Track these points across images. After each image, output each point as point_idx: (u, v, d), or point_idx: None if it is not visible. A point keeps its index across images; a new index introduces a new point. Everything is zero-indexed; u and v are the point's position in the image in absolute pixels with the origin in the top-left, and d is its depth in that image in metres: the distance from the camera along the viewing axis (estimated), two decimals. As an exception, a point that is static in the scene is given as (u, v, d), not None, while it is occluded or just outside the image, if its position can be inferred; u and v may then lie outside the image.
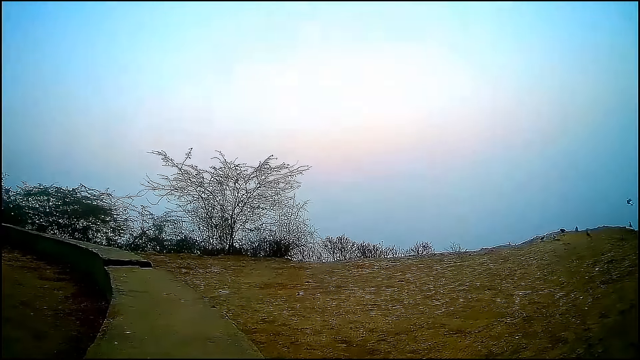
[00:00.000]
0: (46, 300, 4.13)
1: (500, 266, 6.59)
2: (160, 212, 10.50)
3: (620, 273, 4.49)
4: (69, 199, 10.54)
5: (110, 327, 2.50)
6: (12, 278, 4.72)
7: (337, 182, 17.53)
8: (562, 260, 6.03)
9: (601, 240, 6.60)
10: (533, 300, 4.51)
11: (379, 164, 21.65)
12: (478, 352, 3.41)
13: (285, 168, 10.57)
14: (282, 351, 3.56)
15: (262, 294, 5.79)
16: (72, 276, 5.44)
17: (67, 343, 3.09)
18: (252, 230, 10.66)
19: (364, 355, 3.53)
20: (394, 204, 19.17)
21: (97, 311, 3.76)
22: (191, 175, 10.42)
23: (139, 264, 5.30)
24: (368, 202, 19.14)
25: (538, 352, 3.18)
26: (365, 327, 4.27)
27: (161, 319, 2.86)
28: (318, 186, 12.98)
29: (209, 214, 10.53)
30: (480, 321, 4.12)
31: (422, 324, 4.25)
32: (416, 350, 3.57)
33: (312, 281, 6.81)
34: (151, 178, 10.03)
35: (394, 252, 11.18)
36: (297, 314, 4.82)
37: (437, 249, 10.92)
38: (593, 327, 3.32)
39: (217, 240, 10.46)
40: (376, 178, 21.11)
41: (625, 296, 3.70)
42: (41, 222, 10.16)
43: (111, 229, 10.67)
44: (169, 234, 10.61)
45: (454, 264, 7.45)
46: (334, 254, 11.28)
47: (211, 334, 2.53)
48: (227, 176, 10.58)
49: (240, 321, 4.27)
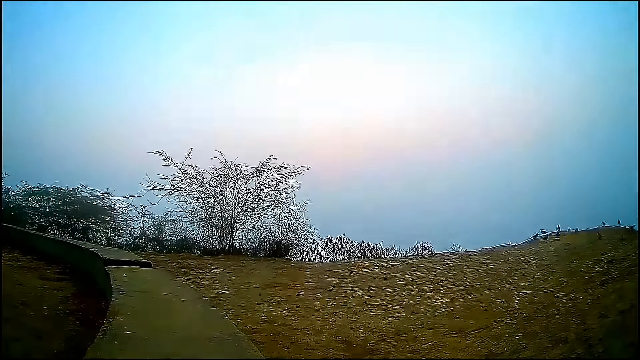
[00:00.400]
0: (46, 300, 4.13)
1: (500, 266, 6.59)
2: (160, 212, 10.52)
3: (620, 273, 4.50)
4: (69, 199, 10.54)
5: (110, 327, 2.50)
6: (12, 278, 4.72)
7: (336, 182, 17.53)
8: (562, 260, 6.04)
9: (601, 241, 6.61)
10: (533, 300, 4.51)
11: (378, 164, 21.66)
12: (478, 352, 3.42)
13: (285, 168, 10.58)
14: (282, 351, 3.56)
15: (262, 294, 5.79)
16: (72, 276, 5.43)
17: (67, 343, 3.09)
18: (252, 230, 10.67)
19: (364, 355, 3.53)
20: (393, 204, 19.17)
21: (97, 311, 3.75)
22: (191, 175, 10.43)
23: (139, 264, 5.29)
24: (368, 202, 19.13)
25: (538, 352, 3.18)
26: (365, 327, 4.27)
27: (161, 319, 2.86)
28: (318, 186, 12.99)
29: (209, 214, 10.53)
30: (480, 321, 4.12)
31: (422, 324, 4.25)
32: (416, 350, 3.57)
33: (312, 281, 6.81)
34: (151, 178, 10.05)
35: (394, 252, 11.19)
36: (297, 314, 4.82)
37: (437, 249, 10.94)
38: (593, 327, 3.32)
39: (217, 240, 10.46)
40: (376, 178, 21.12)
41: (625, 296, 3.71)
42: (41, 222, 10.15)
43: (111, 229, 10.67)
44: (169, 234, 10.61)
45: (454, 264, 7.45)
46: (334, 254, 11.29)
47: (211, 334, 2.53)
48: (227, 176, 10.58)
49: (240, 321, 4.27)
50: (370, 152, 22.07)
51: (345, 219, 14.89)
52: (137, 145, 21.34)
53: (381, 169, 21.92)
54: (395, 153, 22.64)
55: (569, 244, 7.21)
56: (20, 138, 17.84)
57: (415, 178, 21.29)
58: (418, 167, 22.09)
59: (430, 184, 20.86)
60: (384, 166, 21.63)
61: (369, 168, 21.39)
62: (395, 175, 21.04)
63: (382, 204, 19.04)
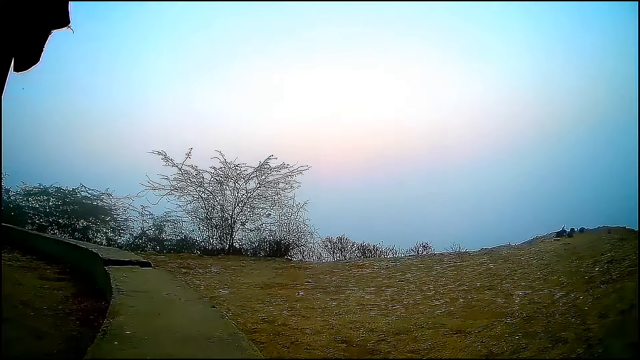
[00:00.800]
0: (46, 300, 4.12)
1: (500, 266, 6.60)
2: (160, 212, 10.53)
3: (620, 273, 4.50)
4: (69, 199, 10.54)
5: (110, 327, 2.50)
6: (12, 278, 4.72)
7: (336, 182, 17.53)
8: (562, 260, 6.04)
9: (601, 240, 6.61)
10: (533, 300, 4.51)
11: (379, 164, 21.65)
12: (478, 352, 3.41)
13: (285, 168, 10.59)
14: (282, 351, 3.56)
15: (262, 294, 5.79)
16: (72, 276, 5.43)
17: (67, 343, 3.09)
18: (252, 230, 10.68)
19: (364, 355, 3.53)
20: (393, 204, 19.17)
21: (97, 311, 3.75)
22: (191, 175, 10.43)
23: (139, 263, 5.29)
24: (368, 202, 19.13)
25: (538, 352, 3.19)
26: (365, 327, 4.27)
27: (161, 319, 2.86)
28: (318, 186, 12.98)
29: (209, 214, 10.53)
30: (480, 321, 4.12)
31: (422, 324, 4.25)
32: (416, 350, 3.57)
33: (312, 281, 6.81)
34: (151, 178, 10.05)
35: (394, 252, 11.19)
36: (297, 314, 4.82)
37: (437, 249, 10.95)
38: (593, 327, 3.32)
39: (217, 240, 10.47)
40: (376, 178, 21.10)
41: (625, 296, 3.71)
42: (41, 222, 10.16)
43: (111, 229, 10.68)
44: (169, 234, 10.63)
45: (454, 264, 7.45)
46: (334, 254, 11.29)
47: (211, 334, 2.53)
48: (227, 176, 10.59)
49: (240, 321, 4.27)
50: (371, 152, 22.05)
51: (345, 219, 14.89)
52: (137, 146, 21.36)
53: (381, 169, 21.91)
54: (395, 151, 22.62)
55: (569, 244, 7.22)
56: (20, 138, 17.83)
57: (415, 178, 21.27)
58: (418, 167, 22.08)
59: (430, 183, 20.85)
60: (385, 166, 21.62)
61: (369, 168, 21.38)
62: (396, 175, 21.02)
63: (382, 203, 19.03)
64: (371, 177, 21.14)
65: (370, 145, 22.17)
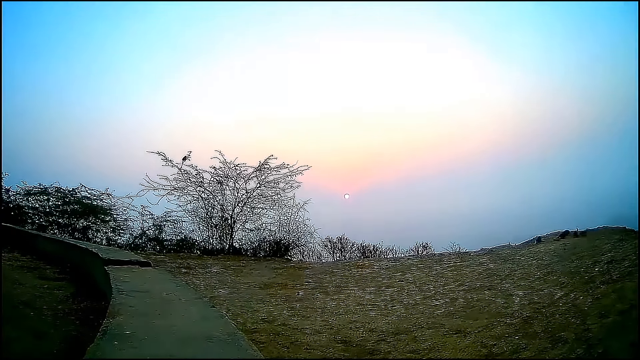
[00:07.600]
0: (46, 300, 4.12)
1: (500, 266, 6.59)
2: (160, 212, 10.53)
3: (620, 273, 4.50)
4: (69, 198, 10.54)
5: (110, 327, 2.50)
6: (12, 278, 4.72)
7: (336, 180, 17.52)
8: (562, 260, 6.04)
9: (601, 240, 6.61)
10: (533, 300, 4.51)
11: (378, 163, 21.66)
12: (478, 352, 3.41)
13: (285, 168, 10.59)
14: (282, 351, 3.56)
15: (262, 294, 5.79)
16: (72, 276, 5.43)
17: (67, 343, 3.09)
18: (252, 230, 10.67)
19: (364, 355, 3.53)
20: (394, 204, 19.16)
21: (97, 311, 3.75)
22: (191, 175, 10.44)
23: (138, 263, 5.28)
24: (368, 202, 19.12)
25: (538, 352, 3.19)
26: (365, 327, 4.27)
27: (161, 319, 2.86)
28: (318, 186, 12.98)
29: (208, 214, 10.53)
30: (480, 321, 4.12)
31: (422, 324, 4.25)
32: (416, 350, 3.57)
33: (312, 281, 6.81)
34: (151, 178, 10.06)
35: (394, 252, 11.20)
36: (297, 314, 4.82)
37: (437, 249, 10.96)
38: (593, 327, 3.32)
39: (217, 240, 10.47)
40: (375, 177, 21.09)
41: (625, 296, 3.71)
42: (41, 222, 10.15)
43: (111, 229, 10.66)
44: (169, 233, 10.61)
45: (454, 264, 7.45)
46: (334, 254, 11.30)
47: (211, 334, 2.53)
48: (227, 176, 10.59)
49: (240, 321, 4.27)
50: (371, 151, 22.03)
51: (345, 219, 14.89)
52: (137, 146, 21.37)
53: (381, 169, 21.91)
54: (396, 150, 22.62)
55: (568, 244, 7.21)
56: (20, 138, 17.85)
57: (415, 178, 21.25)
58: (418, 166, 22.07)
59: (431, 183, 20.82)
60: (384, 166, 21.61)
61: (369, 168, 21.38)
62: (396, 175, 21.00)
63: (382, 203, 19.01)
64: (371, 176, 21.13)
65: (370, 145, 22.15)
